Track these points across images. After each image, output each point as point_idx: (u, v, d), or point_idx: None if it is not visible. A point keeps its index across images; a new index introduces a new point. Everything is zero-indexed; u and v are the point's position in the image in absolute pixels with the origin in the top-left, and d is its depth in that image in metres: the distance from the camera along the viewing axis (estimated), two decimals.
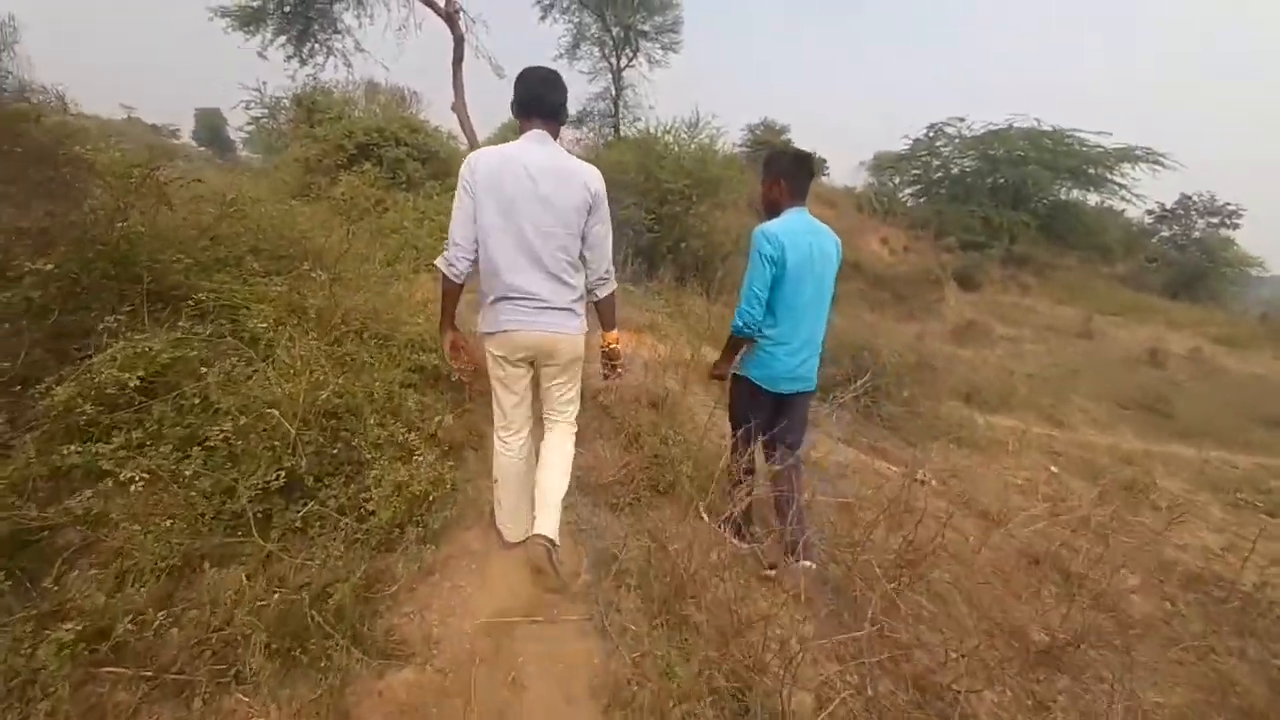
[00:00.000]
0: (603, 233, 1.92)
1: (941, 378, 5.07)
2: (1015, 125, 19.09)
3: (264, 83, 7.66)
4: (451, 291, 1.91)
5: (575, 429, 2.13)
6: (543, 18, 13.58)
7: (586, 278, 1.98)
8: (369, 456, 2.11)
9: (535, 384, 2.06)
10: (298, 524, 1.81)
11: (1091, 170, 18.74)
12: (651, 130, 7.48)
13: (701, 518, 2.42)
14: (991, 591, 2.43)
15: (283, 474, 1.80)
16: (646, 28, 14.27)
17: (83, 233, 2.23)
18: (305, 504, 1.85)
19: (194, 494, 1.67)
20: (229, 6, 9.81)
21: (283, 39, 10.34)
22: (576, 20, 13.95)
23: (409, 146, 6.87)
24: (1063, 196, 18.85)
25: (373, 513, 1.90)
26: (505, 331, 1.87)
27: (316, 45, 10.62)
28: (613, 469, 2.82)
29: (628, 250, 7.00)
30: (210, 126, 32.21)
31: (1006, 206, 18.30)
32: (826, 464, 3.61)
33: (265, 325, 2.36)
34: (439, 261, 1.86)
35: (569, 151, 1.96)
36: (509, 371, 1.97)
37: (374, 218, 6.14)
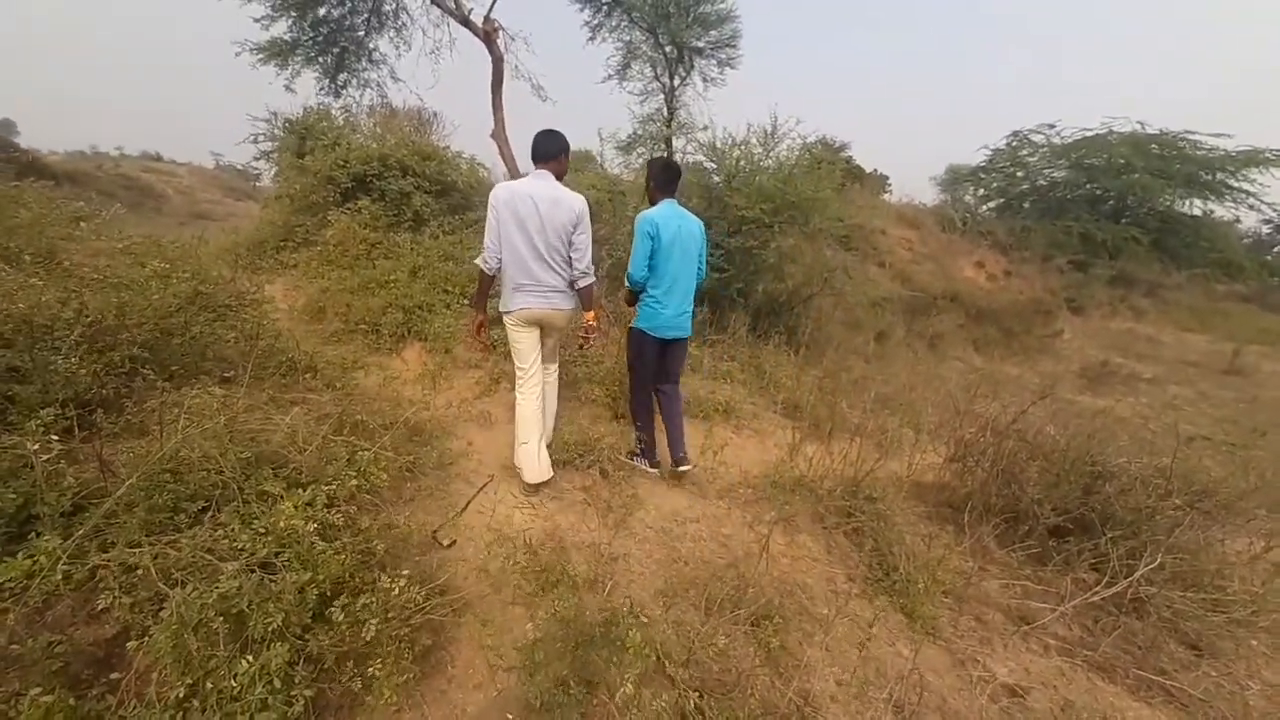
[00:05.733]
0: (585, 241, 2.58)
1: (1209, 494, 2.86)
2: (1114, 130, 16.04)
3: (274, 113, 6.29)
4: (485, 281, 2.60)
5: (557, 371, 2.99)
6: (591, 38, 12.01)
7: (571, 271, 2.61)
8: None
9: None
10: None
11: (1208, 177, 15.44)
12: (719, 144, 5.56)
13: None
14: None
15: None
16: (701, 44, 12.46)
17: None
18: None
19: None
20: (259, 42, 8.69)
21: (317, 71, 9.15)
22: (627, 39, 12.30)
23: (418, 177, 5.24)
24: (1176, 207, 15.56)
25: None
26: (525, 308, 2.57)
27: (350, 76, 9.37)
28: None
29: None
30: None
31: (1108, 220, 15.27)
32: None
33: None
34: (478, 260, 2.56)
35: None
36: (523, 334, 2.65)
37: (364, 267, 4.48)
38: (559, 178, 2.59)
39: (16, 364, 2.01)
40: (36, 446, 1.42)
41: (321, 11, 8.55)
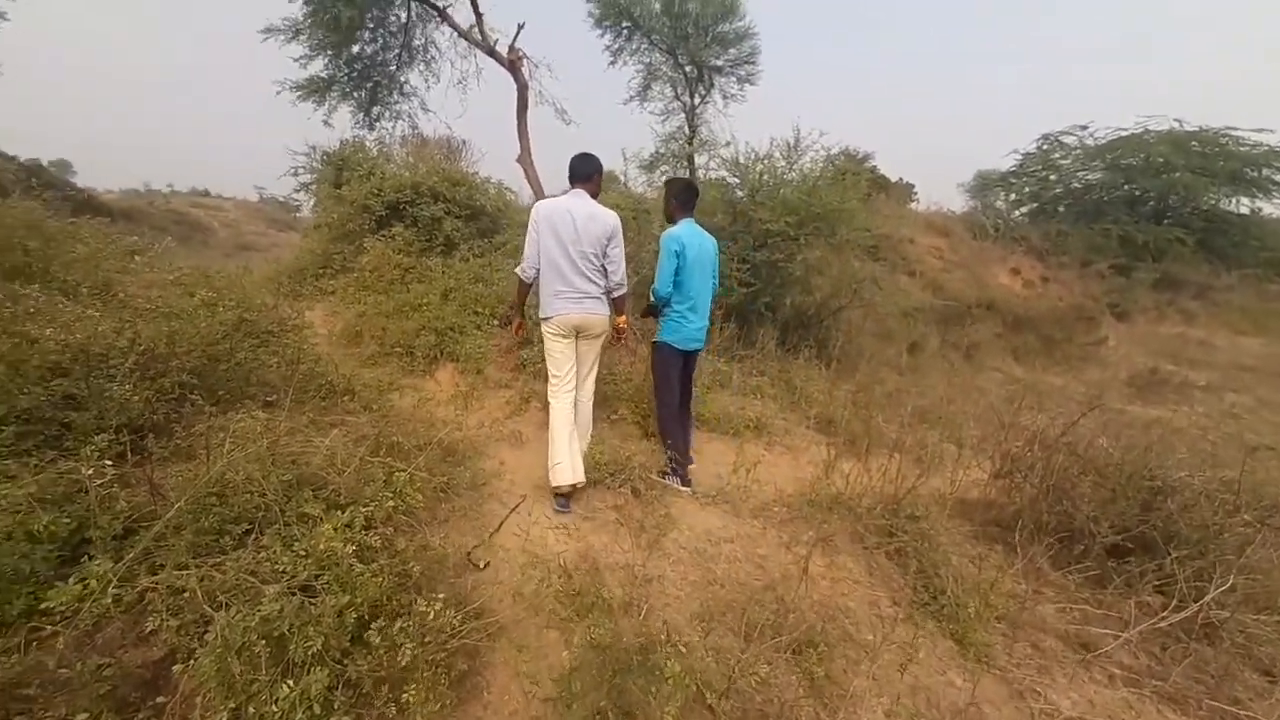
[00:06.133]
0: (618, 254, 2.82)
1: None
2: (1149, 129, 15.50)
3: (313, 146, 6.57)
4: (523, 289, 2.91)
5: (592, 390, 3.04)
6: (612, 62, 12.25)
7: (607, 282, 2.84)
8: None
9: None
10: None
11: (1253, 173, 14.77)
12: (741, 159, 5.56)
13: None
14: None
15: None
16: (721, 62, 12.59)
17: None
18: None
19: None
20: (297, 80, 9.09)
21: (352, 105, 9.53)
22: (647, 61, 12.51)
23: (449, 202, 5.37)
24: (1221, 205, 14.92)
25: None
26: (561, 314, 2.75)
27: (383, 109, 9.73)
28: None
29: (715, 312, 5.05)
30: None
31: (1148, 221, 14.70)
32: None
33: None
34: (517, 270, 2.85)
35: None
36: (560, 341, 2.80)
37: (399, 291, 4.59)
38: (593, 196, 2.85)
39: (73, 391, 2.10)
40: (91, 471, 1.47)
41: (356, 49, 8.93)
